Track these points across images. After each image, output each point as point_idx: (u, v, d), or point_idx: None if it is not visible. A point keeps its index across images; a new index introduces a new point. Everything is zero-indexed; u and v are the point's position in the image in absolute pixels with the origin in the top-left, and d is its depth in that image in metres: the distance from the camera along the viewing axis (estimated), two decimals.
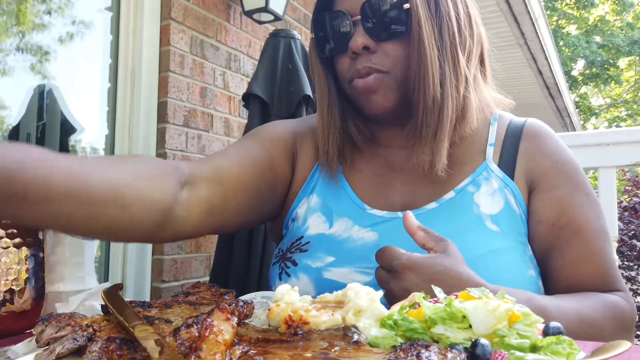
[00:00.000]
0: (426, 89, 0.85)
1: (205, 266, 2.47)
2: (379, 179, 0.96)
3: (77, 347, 0.51)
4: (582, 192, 0.88)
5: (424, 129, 0.87)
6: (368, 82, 0.86)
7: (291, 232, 0.98)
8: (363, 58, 0.86)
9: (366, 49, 0.86)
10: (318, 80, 0.96)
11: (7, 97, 1.98)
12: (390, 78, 0.86)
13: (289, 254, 0.93)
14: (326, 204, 0.95)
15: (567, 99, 8.48)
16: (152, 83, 2.29)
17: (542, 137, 0.94)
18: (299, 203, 0.98)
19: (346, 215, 0.92)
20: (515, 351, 0.45)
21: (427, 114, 0.86)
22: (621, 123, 20.28)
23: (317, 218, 0.94)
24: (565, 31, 18.92)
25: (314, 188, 0.98)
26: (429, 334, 0.50)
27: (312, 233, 0.93)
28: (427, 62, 0.84)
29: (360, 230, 0.89)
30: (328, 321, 0.54)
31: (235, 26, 2.70)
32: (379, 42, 0.86)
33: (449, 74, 0.86)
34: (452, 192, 0.89)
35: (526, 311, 0.50)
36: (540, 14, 5.33)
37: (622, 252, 5.10)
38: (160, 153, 2.28)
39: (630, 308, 0.82)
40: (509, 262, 0.82)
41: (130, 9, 2.29)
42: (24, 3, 2.06)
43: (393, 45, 0.86)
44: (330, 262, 0.87)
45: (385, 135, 0.97)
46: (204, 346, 0.45)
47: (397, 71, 0.86)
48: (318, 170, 0.99)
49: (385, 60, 0.86)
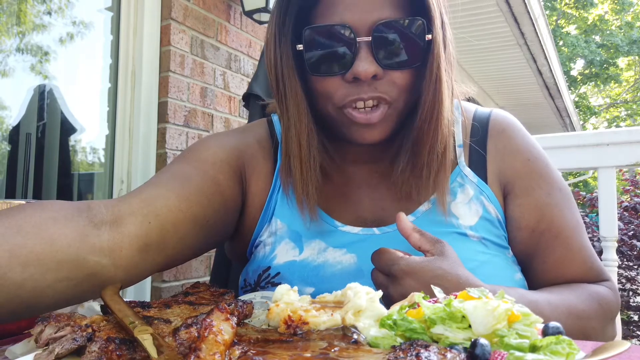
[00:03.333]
0: (439, 130, 0.79)
1: (205, 266, 2.47)
2: (345, 196, 0.88)
3: (77, 347, 0.51)
4: (556, 189, 0.86)
5: (424, 171, 0.82)
6: (372, 119, 0.77)
7: (256, 260, 0.88)
8: (367, 86, 0.76)
9: (373, 77, 0.75)
10: (294, 102, 0.80)
11: (7, 97, 1.98)
12: (393, 109, 0.78)
13: (259, 289, 0.84)
14: (292, 228, 0.85)
15: (567, 99, 8.48)
16: (152, 83, 2.29)
17: (509, 133, 0.90)
18: (261, 230, 0.88)
19: (317, 237, 0.84)
20: (514, 351, 0.45)
21: (432, 157, 0.81)
22: (621, 123, 20.28)
23: (285, 245, 0.85)
24: (565, 31, 18.92)
25: (274, 211, 0.88)
26: (428, 334, 0.50)
27: (281, 262, 0.84)
28: (442, 101, 0.78)
29: (335, 252, 0.82)
30: (327, 321, 0.54)
31: (235, 26, 2.70)
32: (387, 70, 0.76)
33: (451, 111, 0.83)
34: (428, 203, 0.85)
35: (525, 311, 0.50)
36: (540, 14, 5.33)
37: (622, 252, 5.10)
38: (160, 153, 2.28)
39: (615, 297, 0.83)
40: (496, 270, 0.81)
41: (130, 9, 2.29)
42: (24, 3, 2.06)
43: (402, 74, 0.77)
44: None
45: (351, 152, 0.89)
46: (203, 346, 0.45)
47: (400, 100, 0.79)
48: (275, 191, 0.89)
49: (391, 89, 0.77)
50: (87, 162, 2.34)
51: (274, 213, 0.88)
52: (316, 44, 0.77)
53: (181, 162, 0.83)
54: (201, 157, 0.84)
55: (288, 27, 0.80)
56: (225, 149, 0.87)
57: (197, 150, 0.87)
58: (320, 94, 0.80)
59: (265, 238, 0.88)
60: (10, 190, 2.00)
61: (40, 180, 2.09)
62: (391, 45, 0.75)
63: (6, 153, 1.99)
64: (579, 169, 1.62)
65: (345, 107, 0.78)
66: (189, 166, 0.82)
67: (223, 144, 0.89)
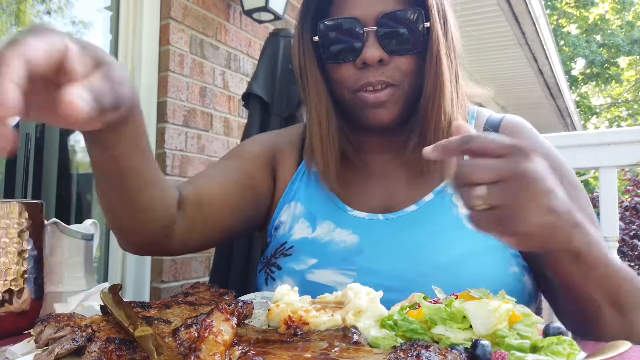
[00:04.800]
0: (442, 109, 0.86)
1: (204, 266, 2.47)
2: (359, 184, 0.96)
3: (76, 347, 0.51)
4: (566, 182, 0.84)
5: None
6: (380, 97, 0.86)
7: (275, 239, 0.98)
8: (375, 71, 0.85)
9: (380, 62, 0.85)
10: (315, 88, 0.93)
11: None
12: (400, 91, 0.87)
13: (273, 260, 0.94)
14: (309, 210, 0.96)
15: (568, 99, 8.48)
16: (151, 83, 2.29)
17: (518, 130, 0.94)
18: (280, 211, 0.99)
19: (329, 219, 0.93)
20: (515, 351, 0.45)
21: (438, 135, 0.86)
22: (622, 122, 20.28)
23: (302, 224, 0.95)
24: (565, 30, 18.92)
25: (295, 195, 0.99)
26: (429, 334, 0.50)
27: (296, 238, 0.94)
28: (443, 83, 0.85)
29: (341, 233, 0.90)
30: (328, 322, 0.54)
31: (235, 26, 2.70)
32: (392, 55, 0.86)
33: (455, 94, 0.88)
34: (432, 194, 0.90)
35: (526, 311, 0.50)
36: (541, 13, 5.32)
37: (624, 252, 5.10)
38: (159, 153, 2.28)
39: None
40: (490, 261, 0.82)
41: (129, 9, 2.29)
42: (23, 3, 2.06)
43: (406, 59, 0.86)
44: (313, 264, 0.88)
45: (368, 141, 0.97)
46: (203, 347, 0.45)
47: (406, 84, 0.87)
48: (298, 179, 1.00)
49: (397, 73, 0.86)
50: (87, 162, 2.34)
51: (295, 196, 0.99)
52: (329, 35, 0.89)
53: (228, 159, 1.02)
54: (242, 155, 1.02)
55: (308, 23, 0.92)
56: (262, 146, 1.03)
57: (241, 149, 1.05)
58: (336, 81, 0.91)
59: (285, 219, 0.98)
60: (10, 190, 2.00)
61: (40, 180, 2.09)
62: (394, 33, 0.85)
63: None
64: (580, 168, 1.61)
65: (357, 91, 0.88)
66: (232, 162, 1.00)
67: (261, 141, 1.06)
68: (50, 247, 0.88)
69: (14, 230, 0.75)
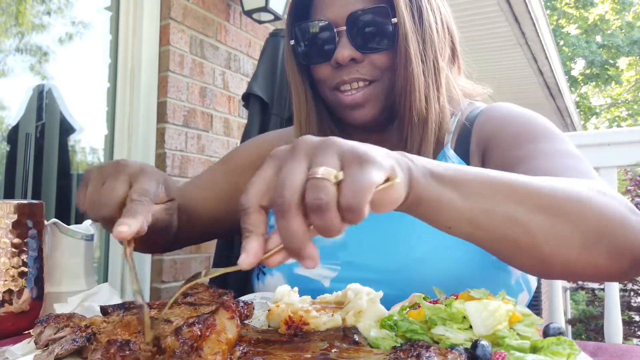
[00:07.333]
0: (412, 103, 0.86)
1: (204, 267, 2.47)
2: None
3: (76, 347, 0.51)
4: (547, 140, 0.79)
5: (408, 143, 0.88)
6: (357, 99, 0.87)
7: None
8: (349, 69, 0.87)
9: (352, 61, 0.86)
10: (295, 89, 0.96)
11: (6, 97, 1.98)
12: (377, 87, 0.87)
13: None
14: None
15: (568, 99, 8.48)
16: (151, 83, 2.29)
17: (495, 109, 0.92)
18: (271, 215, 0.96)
19: None
20: (515, 352, 0.45)
21: (413, 128, 0.87)
22: (622, 123, 20.28)
23: None
24: (565, 31, 18.92)
25: None
26: (429, 334, 0.50)
27: None
28: (413, 77, 0.85)
29: None
30: (328, 322, 0.54)
31: (235, 26, 2.70)
32: (365, 53, 0.86)
33: (432, 86, 0.87)
34: None
35: (526, 312, 0.50)
36: (541, 14, 5.32)
37: None
38: (159, 153, 2.28)
39: None
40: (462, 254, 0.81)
41: (129, 9, 2.28)
42: (23, 3, 2.06)
43: (379, 56, 0.87)
44: None
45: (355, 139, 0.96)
46: (205, 346, 0.45)
47: (385, 79, 0.87)
48: None
49: (372, 70, 0.87)
50: (87, 162, 2.34)
51: None
52: (304, 37, 0.91)
53: (218, 165, 1.06)
54: (233, 163, 1.05)
55: (289, 27, 0.95)
56: (252, 155, 1.05)
57: (233, 156, 1.08)
58: (317, 80, 0.93)
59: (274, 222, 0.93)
60: (9, 190, 1.99)
61: (40, 180, 2.09)
62: (364, 32, 0.86)
63: (5, 153, 1.99)
64: None
65: (335, 90, 0.89)
66: (220, 171, 1.05)
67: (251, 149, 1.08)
68: (50, 247, 0.88)
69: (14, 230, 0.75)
